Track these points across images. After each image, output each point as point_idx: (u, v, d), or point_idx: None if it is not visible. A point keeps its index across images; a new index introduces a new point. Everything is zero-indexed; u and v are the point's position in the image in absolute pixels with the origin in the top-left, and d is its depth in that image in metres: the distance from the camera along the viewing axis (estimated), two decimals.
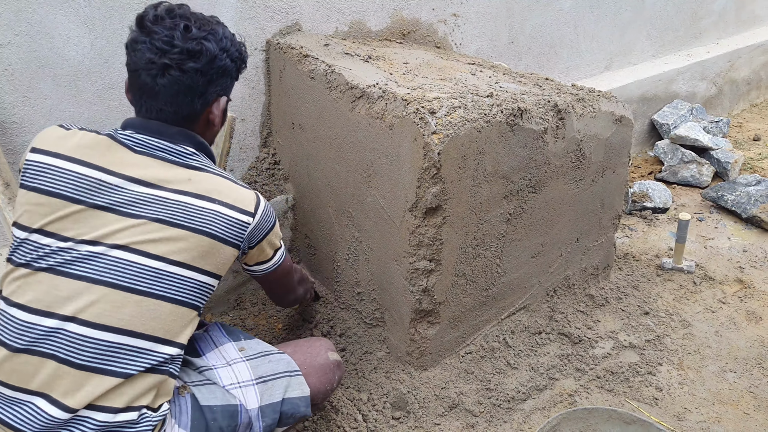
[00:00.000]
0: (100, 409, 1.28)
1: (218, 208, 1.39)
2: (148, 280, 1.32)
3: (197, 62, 1.37)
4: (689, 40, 4.13)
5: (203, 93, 1.42)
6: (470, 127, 1.82)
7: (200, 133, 1.48)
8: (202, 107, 1.44)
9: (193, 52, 1.36)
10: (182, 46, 1.35)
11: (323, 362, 1.66)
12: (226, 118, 2.00)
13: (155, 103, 1.39)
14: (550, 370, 2.18)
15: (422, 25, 2.73)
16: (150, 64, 1.34)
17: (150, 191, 1.34)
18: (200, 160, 1.43)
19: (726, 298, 2.61)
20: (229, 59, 1.44)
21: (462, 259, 2.01)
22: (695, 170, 3.53)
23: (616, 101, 2.31)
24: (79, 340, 1.27)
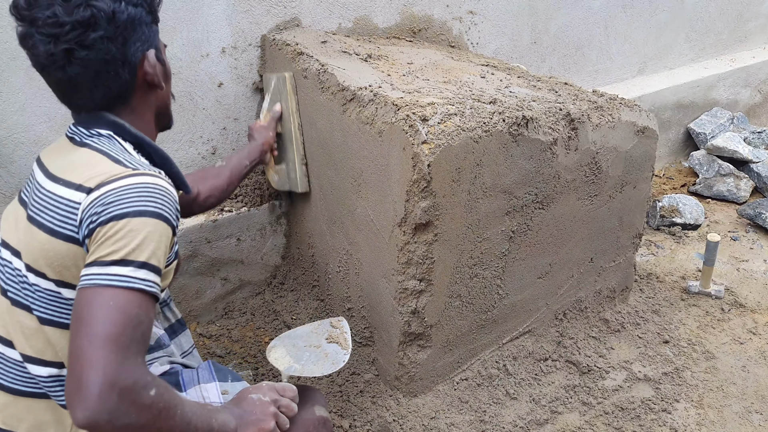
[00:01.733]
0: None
1: (56, 189, 1.13)
2: (6, 276, 1.18)
3: (97, 30, 1.13)
4: (733, 43, 3.85)
5: (124, 59, 1.18)
6: (466, 136, 1.65)
7: (145, 101, 1.26)
8: (132, 74, 1.21)
9: (86, 21, 1.12)
10: (71, 20, 1.11)
11: (309, 417, 1.42)
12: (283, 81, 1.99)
13: (80, 94, 1.18)
14: (553, 403, 2.00)
15: (435, 22, 2.55)
16: (51, 57, 1.13)
17: (39, 178, 1.20)
18: (99, 140, 1.19)
19: (757, 329, 2.38)
20: (131, 5, 1.18)
21: (457, 279, 1.84)
22: (732, 184, 3.27)
23: (639, 110, 2.10)
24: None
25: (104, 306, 1.00)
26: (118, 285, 1.02)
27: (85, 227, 1.08)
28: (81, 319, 1.00)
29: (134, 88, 1.23)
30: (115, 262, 1.03)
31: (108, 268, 1.03)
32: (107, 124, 1.21)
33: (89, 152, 1.17)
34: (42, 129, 1.88)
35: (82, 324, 1.00)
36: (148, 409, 0.99)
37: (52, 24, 1.11)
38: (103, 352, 0.96)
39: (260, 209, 2.29)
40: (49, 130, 1.90)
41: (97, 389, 0.94)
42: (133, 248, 1.04)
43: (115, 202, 1.06)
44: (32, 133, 1.87)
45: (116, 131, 1.22)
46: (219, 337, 2.23)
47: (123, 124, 1.22)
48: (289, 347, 1.57)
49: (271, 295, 2.38)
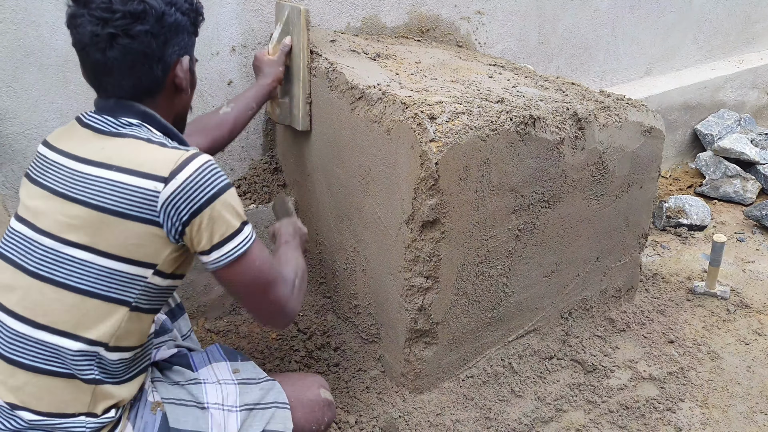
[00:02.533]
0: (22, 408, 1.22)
1: (115, 176, 1.19)
2: (49, 263, 1.20)
3: (144, 24, 1.21)
4: (740, 45, 3.85)
5: (161, 57, 1.26)
6: (474, 135, 1.67)
7: (169, 102, 1.33)
8: (164, 73, 1.28)
9: (137, 14, 1.20)
10: (123, 10, 1.19)
11: (313, 398, 1.51)
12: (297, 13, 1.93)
13: (111, 79, 1.24)
14: (558, 401, 2.01)
15: (443, 22, 2.57)
16: (95, 38, 1.19)
17: (69, 164, 1.23)
18: (134, 129, 1.25)
19: (763, 329, 2.38)
20: (180, 13, 1.28)
21: (463, 277, 1.85)
22: (739, 186, 3.28)
23: (646, 111, 2.11)
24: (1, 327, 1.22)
25: (251, 268, 1.29)
26: (245, 249, 1.27)
27: (175, 216, 1.20)
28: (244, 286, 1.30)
29: (162, 87, 1.30)
30: (230, 237, 1.25)
31: (229, 244, 1.25)
32: (136, 114, 1.27)
33: (133, 141, 1.23)
34: (54, 125, 1.91)
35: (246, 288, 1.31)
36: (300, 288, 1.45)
37: (105, 9, 1.18)
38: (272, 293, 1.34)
39: (268, 206, 2.31)
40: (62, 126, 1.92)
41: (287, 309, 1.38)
42: (231, 222, 1.24)
43: (195, 192, 1.20)
44: (45, 129, 1.90)
45: (146, 120, 1.28)
46: (227, 332, 2.25)
47: (153, 114, 1.28)
48: None
49: None
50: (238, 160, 2.33)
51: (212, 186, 1.21)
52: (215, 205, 1.22)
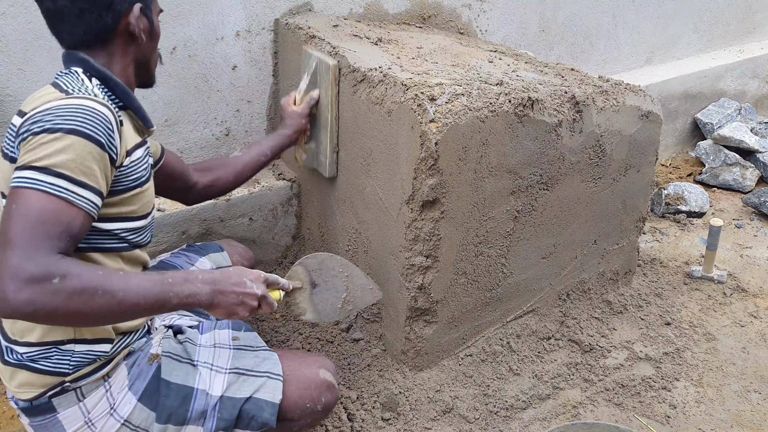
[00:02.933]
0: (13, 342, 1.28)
1: (14, 120, 1.26)
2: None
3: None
4: (741, 34, 3.88)
5: (110, 4, 1.29)
6: (473, 116, 1.70)
7: (124, 50, 1.36)
8: (114, 20, 1.31)
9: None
10: None
11: (309, 375, 1.50)
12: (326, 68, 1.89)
13: (64, 27, 1.30)
14: (555, 379, 2.05)
15: (444, 9, 2.60)
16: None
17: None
18: (64, 76, 1.28)
19: (758, 312, 2.42)
20: None
21: (462, 257, 1.89)
22: (738, 173, 3.31)
23: (643, 95, 2.15)
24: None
25: (10, 210, 1.10)
26: (24, 185, 1.11)
27: (17, 144, 1.18)
28: (2, 220, 1.11)
29: (115, 35, 1.33)
30: (27, 167, 1.12)
31: (21, 172, 1.12)
32: (77, 61, 1.31)
33: (48, 87, 1.27)
34: None
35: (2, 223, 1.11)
36: (53, 294, 1.05)
37: None
38: (6, 252, 1.06)
39: (272, 190, 2.35)
40: None
41: (4, 282, 1.04)
42: (43, 156, 1.12)
43: (38, 120, 1.16)
44: None
45: (83, 67, 1.31)
46: None
47: (88, 60, 1.31)
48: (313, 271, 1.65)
49: (281, 274, 2.44)
50: (242, 144, 2.37)
51: (57, 121, 1.15)
52: (41, 136, 1.14)
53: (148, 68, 1.46)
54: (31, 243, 1.07)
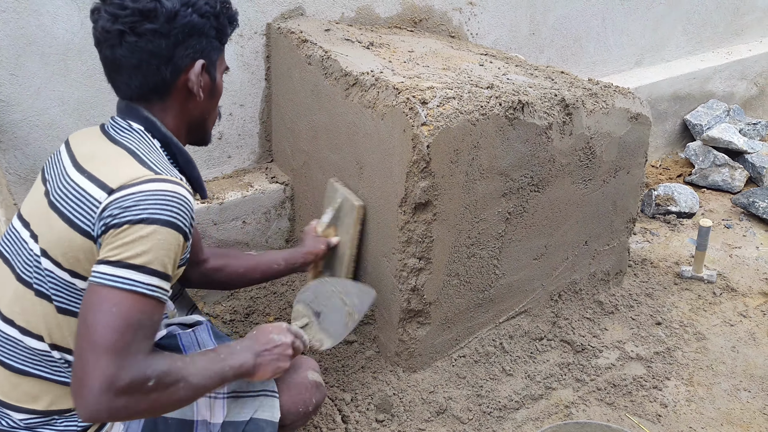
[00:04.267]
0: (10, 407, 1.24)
1: (83, 183, 1.17)
2: (30, 268, 1.21)
3: (153, 22, 1.20)
4: (729, 37, 3.91)
5: (170, 57, 1.23)
6: (464, 119, 1.72)
7: (182, 107, 1.31)
8: (173, 75, 1.25)
9: (146, 12, 1.19)
10: (134, 7, 1.19)
11: (300, 381, 1.48)
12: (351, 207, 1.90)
13: (121, 77, 1.25)
14: (547, 379, 2.07)
15: (435, 12, 2.62)
16: (106, 34, 1.21)
17: (67, 165, 1.25)
18: (132, 136, 1.25)
19: (747, 312, 2.44)
20: (197, 14, 1.24)
21: (455, 258, 1.91)
22: (727, 174, 3.34)
23: (632, 97, 2.17)
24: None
25: (107, 310, 1.06)
26: (123, 287, 1.07)
27: (101, 225, 1.12)
28: (85, 321, 1.07)
29: (172, 90, 1.28)
30: (124, 265, 1.08)
31: (116, 269, 1.08)
32: (140, 119, 1.27)
33: (118, 149, 1.22)
34: (56, 112, 1.96)
35: (86, 327, 1.06)
36: (147, 397, 1.07)
37: (118, 5, 1.20)
38: (101, 359, 1.03)
39: (265, 193, 2.36)
40: (63, 114, 1.97)
41: (95, 392, 1.02)
42: (140, 253, 1.09)
43: (132, 207, 1.10)
44: (47, 117, 1.94)
45: (147, 127, 1.27)
46: (224, 317, 2.30)
47: (154, 121, 1.27)
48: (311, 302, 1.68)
49: None
50: (235, 147, 2.38)
51: (150, 210, 1.10)
52: (136, 228, 1.09)
53: (204, 127, 1.41)
54: (128, 350, 1.05)
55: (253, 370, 1.28)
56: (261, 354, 1.30)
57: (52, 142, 1.98)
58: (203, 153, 2.30)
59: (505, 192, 1.92)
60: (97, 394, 1.02)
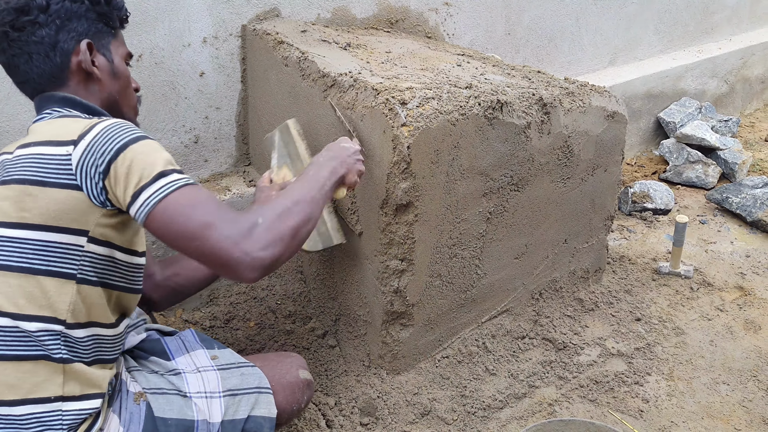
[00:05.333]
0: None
1: (34, 150, 1.22)
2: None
3: (29, 14, 1.28)
4: (700, 35, 3.98)
5: (54, 44, 1.31)
6: (444, 119, 1.72)
7: (85, 89, 1.36)
8: (63, 58, 1.32)
9: (20, 8, 1.28)
10: (8, 7, 1.28)
11: (292, 380, 1.52)
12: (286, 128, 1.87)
13: (21, 77, 1.33)
14: (530, 378, 2.07)
15: (412, 13, 2.62)
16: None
17: (7, 156, 1.28)
18: (52, 114, 1.30)
19: (724, 306, 2.48)
20: (69, 1, 1.33)
21: (437, 259, 1.90)
22: (701, 171, 3.39)
23: (609, 96, 2.19)
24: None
25: (175, 216, 1.15)
26: (171, 191, 1.17)
27: (93, 170, 1.18)
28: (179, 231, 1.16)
29: (69, 74, 1.34)
30: (155, 178, 1.17)
31: (150, 188, 1.16)
32: (57, 101, 1.32)
33: (53, 120, 1.28)
34: (26, 118, 1.91)
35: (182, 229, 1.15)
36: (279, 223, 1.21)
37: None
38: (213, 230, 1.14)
39: (243, 197, 2.33)
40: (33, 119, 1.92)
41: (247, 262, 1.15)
42: (148, 166, 1.17)
43: (109, 140, 1.19)
44: (17, 122, 1.90)
45: (67, 104, 1.32)
46: (204, 323, 2.27)
47: (72, 97, 1.33)
48: None
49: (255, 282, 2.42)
50: (211, 151, 2.35)
51: (122, 137, 1.20)
52: (127, 153, 1.18)
53: (119, 110, 1.44)
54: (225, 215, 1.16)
55: (344, 173, 1.47)
56: (344, 160, 1.48)
57: None
58: (179, 157, 2.27)
59: (486, 192, 1.92)
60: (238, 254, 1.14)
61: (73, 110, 1.32)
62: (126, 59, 1.46)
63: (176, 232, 1.16)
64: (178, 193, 1.17)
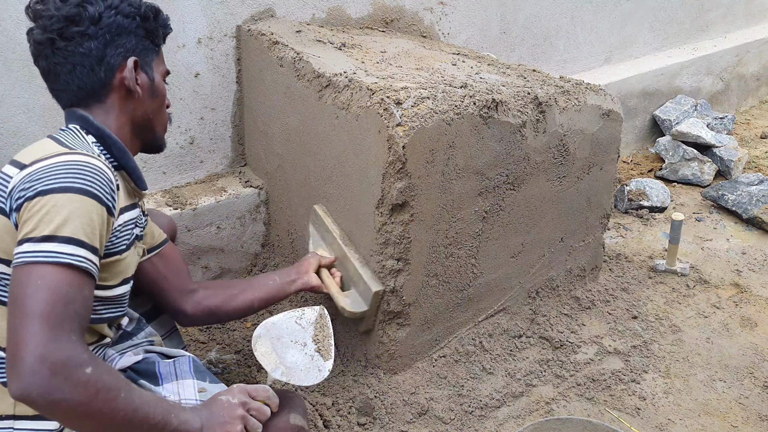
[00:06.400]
0: None
1: (4, 169, 1.19)
2: None
3: (80, 25, 1.26)
4: (695, 33, 3.98)
5: (101, 57, 1.29)
6: (439, 119, 1.72)
7: (122, 106, 1.34)
8: (108, 74, 1.31)
9: (71, 17, 1.26)
10: (58, 15, 1.25)
11: (281, 426, 1.36)
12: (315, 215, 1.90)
13: (59, 85, 1.30)
14: (527, 376, 2.08)
15: (407, 12, 2.62)
16: (39, 46, 1.27)
17: None
18: (63, 133, 1.27)
19: (720, 303, 2.48)
20: (121, 15, 1.31)
21: (433, 259, 1.90)
22: (697, 168, 3.39)
23: (604, 94, 2.19)
24: None
25: (33, 284, 1.02)
26: (46, 261, 1.04)
27: (14, 201, 1.11)
28: (15, 298, 1.04)
29: (110, 90, 1.32)
30: (43, 239, 1.05)
31: (36, 244, 1.05)
32: (76, 119, 1.30)
33: (46, 140, 1.24)
34: (20, 120, 1.91)
35: (15, 304, 1.03)
36: (84, 386, 1.00)
37: (47, 16, 1.25)
38: (33, 328, 0.99)
39: (239, 198, 2.33)
40: (28, 121, 1.92)
41: (29, 364, 0.97)
42: (58, 224, 1.06)
43: (42, 179, 1.10)
44: (11, 125, 1.89)
45: (81, 125, 1.30)
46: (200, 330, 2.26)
47: (87, 117, 1.30)
48: (274, 341, 1.54)
49: None
50: (207, 152, 2.35)
51: (56, 181, 1.10)
52: (44, 199, 1.08)
53: (151, 128, 1.42)
54: (61, 325, 1.01)
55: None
56: (208, 418, 1.21)
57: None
58: (175, 158, 2.27)
59: (482, 191, 1.92)
60: (31, 364, 0.97)
61: (82, 132, 1.29)
62: (164, 76, 1.45)
63: (15, 298, 1.04)
64: (52, 268, 1.04)
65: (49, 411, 1.00)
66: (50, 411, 1.00)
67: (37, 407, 0.99)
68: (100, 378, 1.02)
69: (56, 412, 1.01)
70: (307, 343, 1.60)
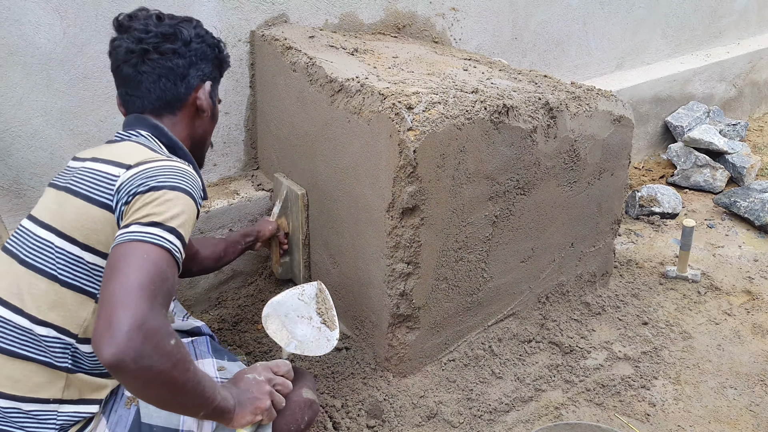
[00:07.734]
0: None
1: (94, 165, 1.28)
2: (31, 248, 1.26)
3: (174, 43, 1.40)
4: (708, 39, 3.97)
5: (185, 75, 1.43)
6: (450, 123, 1.73)
7: (189, 122, 1.46)
8: (186, 91, 1.44)
9: (168, 35, 1.40)
10: (157, 31, 1.39)
11: (295, 399, 1.45)
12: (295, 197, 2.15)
13: (138, 92, 1.40)
14: (537, 381, 2.08)
15: (419, 18, 2.63)
16: (129, 54, 1.38)
17: (75, 165, 1.34)
18: (140, 138, 1.37)
19: (732, 310, 2.47)
20: (206, 44, 1.47)
21: (443, 263, 1.91)
22: (708, 175, 3.38)
23: (615, 100, 2.19)
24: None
25: (139, 257, 1.11)
26: (153, 242, 1.14)
27: (124, 195, 1.20)
28: (115, 267, 1.10)
29: (183, 106, 1.45)
30: (152, 224, 1.15)
31: (145, 227, 1.15)
32: (148, 126, 1.40)
33: (129, 144, 1.34)
34: (38, 122, 1.94)
35: (115, 272, 1.09)
36: (169, 355, 1.07)
37: (142, 30, 1.39)
38: (134, 296, 1.06)
39: (252, 201, 2.35)
40: (46, 124, 1.95)
41: (126, 328, 1.02)
42: (168, 215, 1.17)
43: (154, 177, 1.21)
44: (29, 127, 1.93)
45: (154, 133, 1.40)
46: (213, 325, 2.28)
47: (162, 127, 1.41)
48: (282, 318, 1.63)
49: (262, 284, 2.44)
50: (220, 155, 2.37)
51: (166, 179, 1.21)
52: (156, 194, 1.19)
53: (202, 147, 1.56)
54: (156, 297, 1.08)
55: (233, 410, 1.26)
56: (238, 396, 1.29)
57: (35, 152, 1.96)
58: None
59: (492, 195, 1.93)
60: (128, 330, 1.02)
61: (156, 140, 1.39)
62: (218, 103, 1.59)
63: (115, 267, 1.10)
64: (156, 248, 1.13)
65: (136, 377, 1.04)
66: (137, 377, 1.04)
67: (126, 373, 1.03)
68: (180, 350, 1.10)
69: (139, 379, 1.05)
70: (312, 316, 1.69)
